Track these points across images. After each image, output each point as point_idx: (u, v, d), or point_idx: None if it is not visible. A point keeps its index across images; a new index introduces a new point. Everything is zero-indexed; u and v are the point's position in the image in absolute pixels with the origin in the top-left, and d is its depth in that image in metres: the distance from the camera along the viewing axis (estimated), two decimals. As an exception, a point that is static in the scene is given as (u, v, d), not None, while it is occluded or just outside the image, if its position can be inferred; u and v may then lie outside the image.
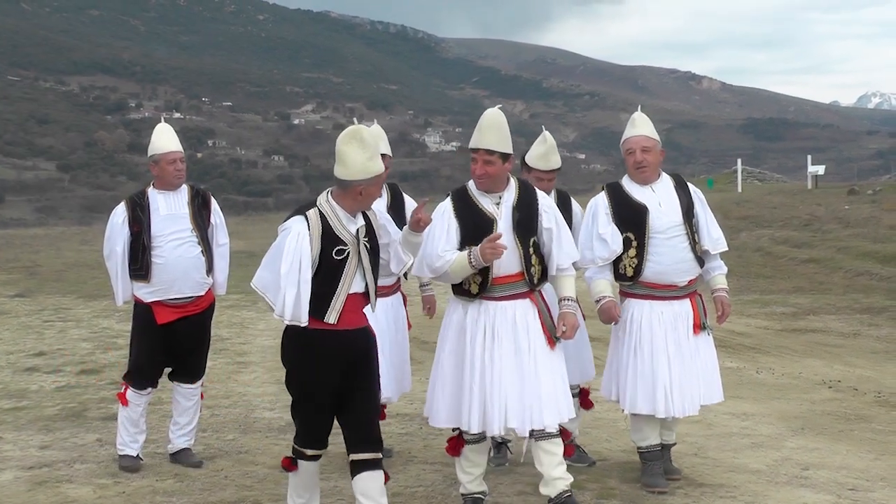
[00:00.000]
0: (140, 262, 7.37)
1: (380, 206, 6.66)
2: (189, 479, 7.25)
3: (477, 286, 6.14)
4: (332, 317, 5.63)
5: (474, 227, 6.10)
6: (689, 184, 7.05)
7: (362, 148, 5.60)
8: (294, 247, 5.53)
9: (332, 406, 5.80)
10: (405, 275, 7.02)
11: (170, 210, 7.46)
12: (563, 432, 6.27)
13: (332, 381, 5.69)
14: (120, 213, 7.47)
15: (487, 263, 6.00)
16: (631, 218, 6.75)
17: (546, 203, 6.35)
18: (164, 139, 7.52)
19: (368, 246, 5.77)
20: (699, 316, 6.86)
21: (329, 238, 5.61)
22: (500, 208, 6.19)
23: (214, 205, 7.75)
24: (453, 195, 6.32)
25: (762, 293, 17.58)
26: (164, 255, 7.35)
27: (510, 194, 6.24)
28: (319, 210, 5.66)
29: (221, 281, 7.78)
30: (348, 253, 5.65)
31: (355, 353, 5.74)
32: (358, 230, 5.71)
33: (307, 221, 5.60)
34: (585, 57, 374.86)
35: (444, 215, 6.21)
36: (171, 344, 7.47)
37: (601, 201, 6.89)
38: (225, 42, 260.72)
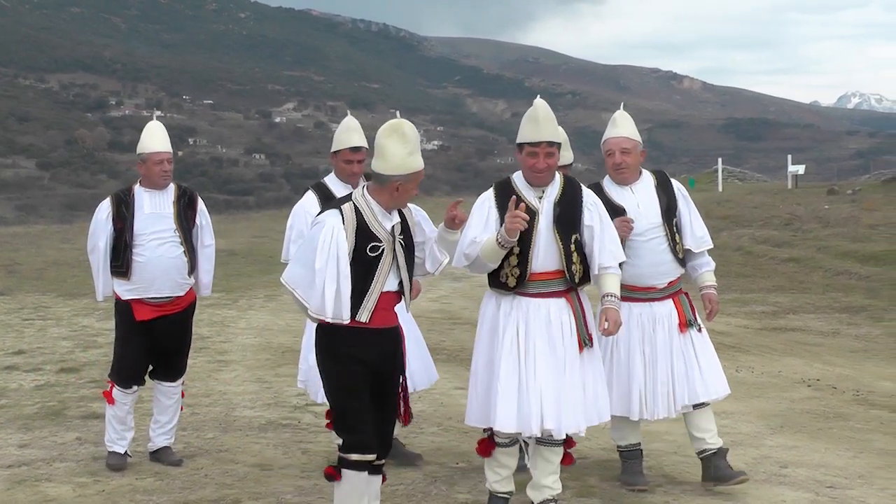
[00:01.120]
0: (121, 259, 7.35)
1: None
2: (169, 477, 7.24)
3: (514, 279, 6.01)
4: (363, 315, 5.46)
5: None
6: (672, 181, 7.00)
7: (403, 142, 5.46)
8: (329, 240, 5.36)
9: (370, 405, 5.55)
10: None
11: (154, 209, 7.42)
12: (568, 440, 6.19)
13: (367, 380, 5.50)
14: (104, 209, 7.46)
15: (513, 238, 5.85)
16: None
17: (591, 200, 6.22)
18: (154, 138, 7.48)
19: (404, 243, 5.62)
20: (684, 314, 6.82)
21: (363, 234, 5.46)
22: (543, 202, 6.07)
23: (201, 205, 7.71)
24: (496, 186, 6.20)
25: (742, 292, 17.64)
26: (144, 254, 7.32)
27: (554, 189, 6.12)
28: (354, 205, 5.50)
29: (207, 282, 7.75)
30: (383, 250, 5.50)
31: (385, 353, 5.60)
32: (393, 227, 5.56)
33: (342, 215, 5.44)
34: (567, 56, 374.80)
35: (485, 204, 6.13)
36: (152, 342, 7.45)
37: None
38: (206, 40, 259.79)
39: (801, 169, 40.74)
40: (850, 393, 9.98)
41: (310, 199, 7.25)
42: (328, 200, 6.96)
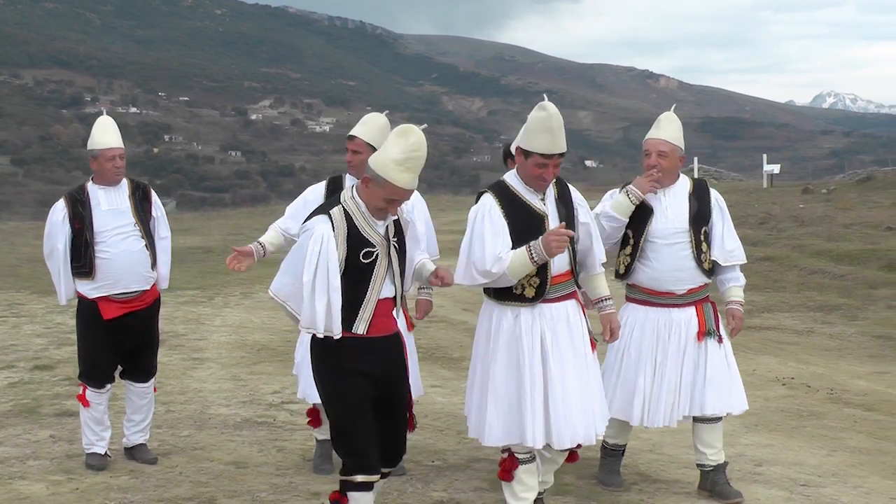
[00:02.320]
0: (83, 259, 7.23)
1: None
2: (144, 475, 7.21)
3: (534, 289, 5.77)
4: (360, 326, 5.16)
5: (525, 225, 5.73)
6: (712, 191, 6.87)
7: (402, 148, 5.08)
8: (319, 250, 5.01)
9: (374, 422, 5.26)
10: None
11: (111, 205, 7.32)
12: None
13: (370, 393, 5.20)
14: (60, 210, 7.32)
15: (552, 257, 5.67)
16: (634, 217, 6.62)
17: (579, 198, 6.09)
18: (105, 134, 7.34)
19: (397, 246, 5.31)
20: (704, 323, 6.72)
21: (355, 240, 5.11)
22: (546, 204, 5.88)
23: (155, 198, 7.64)
24: (496, 193, 5.85)
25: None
26: (109, 250, 7.23)
27: (550, 190, 5.95)
28: (344, 208, 5.15)
29: (164, 274, 7.65)
30: (377, 255, 5.18)
31: (388, 362, 5.30)
32: (387, 228, 5.24)
33: (331, 221, 5.09)
34: (544, 54, 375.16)
35: (492, 215, 5.76)
36: (119, 342, 7.36)
37: (612, 194, 6.77)
38: (182, 36, 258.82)
39: (776, 168, 40.91)
40: (824, 391, 10.03)
41: (316, 189, 7.19)
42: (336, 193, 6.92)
